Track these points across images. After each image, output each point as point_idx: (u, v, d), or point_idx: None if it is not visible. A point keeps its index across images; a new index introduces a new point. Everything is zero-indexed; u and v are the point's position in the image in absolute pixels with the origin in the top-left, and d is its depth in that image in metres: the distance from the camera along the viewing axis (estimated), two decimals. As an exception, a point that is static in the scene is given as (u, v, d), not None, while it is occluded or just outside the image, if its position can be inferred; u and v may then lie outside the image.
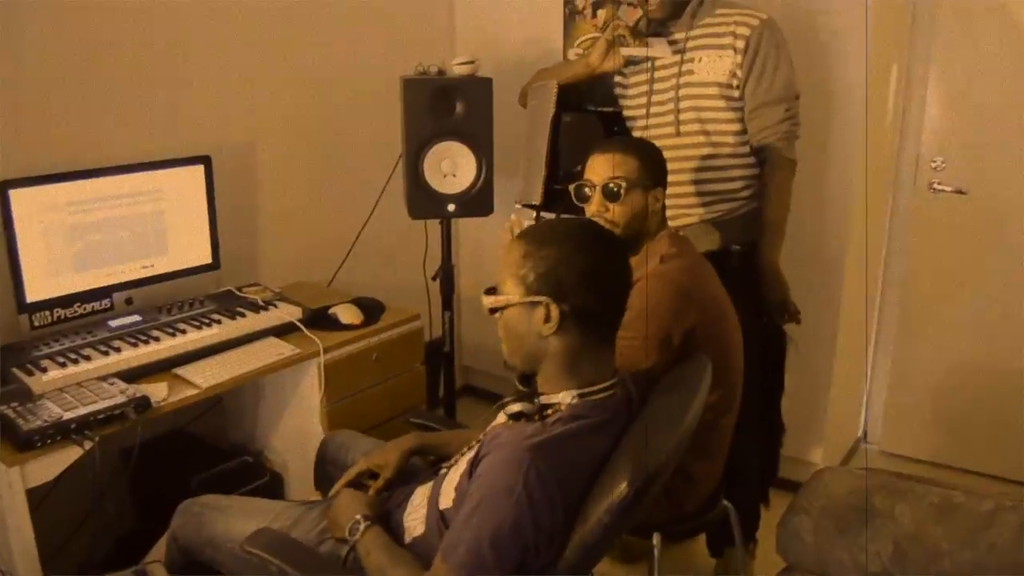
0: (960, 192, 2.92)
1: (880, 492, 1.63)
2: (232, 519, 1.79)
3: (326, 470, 2.06)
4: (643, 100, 2.41)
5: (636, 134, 2.44)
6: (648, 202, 1.93)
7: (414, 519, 1.60)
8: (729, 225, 2.35)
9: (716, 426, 1.91)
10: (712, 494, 2.00)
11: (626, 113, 2.50)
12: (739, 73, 2.26)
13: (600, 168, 1.94)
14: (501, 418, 1.53)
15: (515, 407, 1.47)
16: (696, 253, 2.02)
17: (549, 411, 1.46)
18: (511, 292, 1.46)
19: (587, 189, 1.95)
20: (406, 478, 1.82)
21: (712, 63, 2.28)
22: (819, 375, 2.85)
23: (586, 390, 1.47)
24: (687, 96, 2.32)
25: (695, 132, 2.33)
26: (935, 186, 2.95)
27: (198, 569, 1.82)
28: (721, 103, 2.30)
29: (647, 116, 2.40)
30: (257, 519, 1.75)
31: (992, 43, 2.76)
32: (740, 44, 2.24)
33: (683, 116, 2.33)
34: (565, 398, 1.46)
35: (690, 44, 2.31)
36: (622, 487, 1.33)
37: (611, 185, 1.91)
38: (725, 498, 2.06)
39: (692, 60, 2.31)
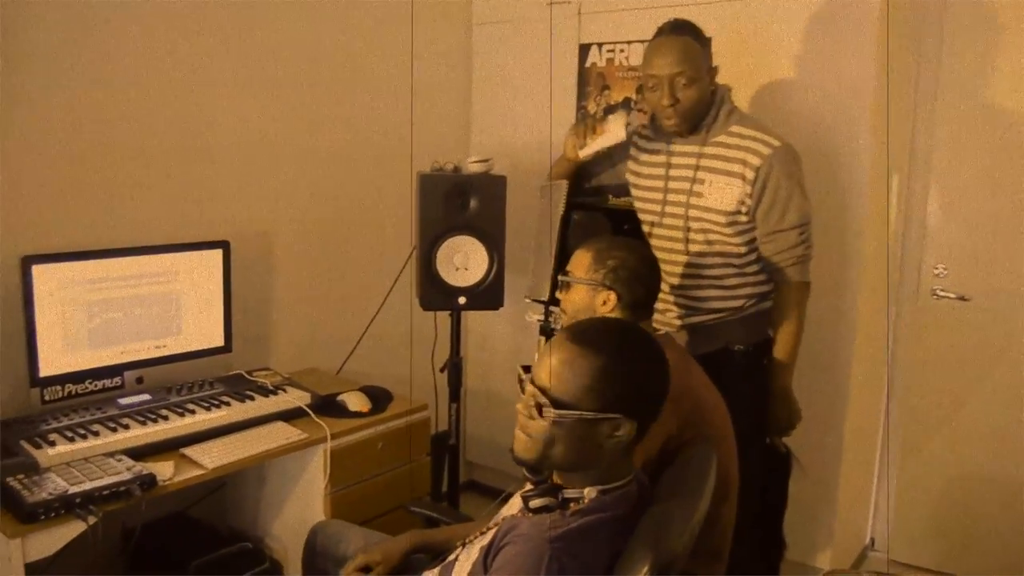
0: (963, 299, 2.95)
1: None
2: None
3: (315, 562, 2.01)
4: (656, 207, 2.42)
5: (648, 237, 2.48)
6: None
7: None
8: (731, 326, 2.35)
9: (717, 524, 1.89)
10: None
11: (640, 216, 2.51)
12: (748, 202, 2.25)
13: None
14: (513, 507, 1.52)
15: (539, 501, 1.44)
16: (678, 350, 1.99)
17: (571, 504, 1.44)
18: (584, 404, 1.39)
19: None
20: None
21: (721, 191, 2.27)
22: (826, 482, 2.82)
23: (607, 486, 1.45)
24: (696, 218, 2.32)
25: (704, 252, 2.35)
26: (938, 292, 2.99)
27: None
28: (729, 229, 2.29)
29: (660, 223, 2.42)
30: None
31: (991, 152, 2.84)
32: (750, 174, 2.23)
33: (692, 236, 2.35)
34: (590, 493, 1.43)
35: (702, 163, 2.31)
36: (642, 573, 1.32)
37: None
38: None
39: (702, 182, 2.30)
